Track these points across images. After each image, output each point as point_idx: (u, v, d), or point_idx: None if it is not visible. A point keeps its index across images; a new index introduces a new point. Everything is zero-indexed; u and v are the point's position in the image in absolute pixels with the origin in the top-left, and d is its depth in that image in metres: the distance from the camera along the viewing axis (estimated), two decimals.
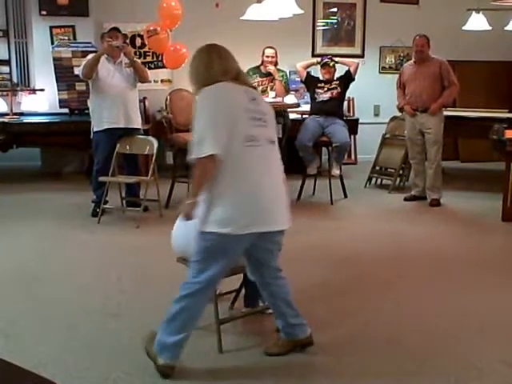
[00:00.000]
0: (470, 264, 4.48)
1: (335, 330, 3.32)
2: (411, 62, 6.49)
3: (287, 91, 6.74)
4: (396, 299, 3.78)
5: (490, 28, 7.38)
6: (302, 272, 4.19)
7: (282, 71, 6.69)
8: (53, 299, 3.71)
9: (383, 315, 3.53)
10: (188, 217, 2.71)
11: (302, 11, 5.53)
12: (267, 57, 6.56)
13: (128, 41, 7.49)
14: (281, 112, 6.55)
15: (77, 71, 6.02)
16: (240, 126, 2.66)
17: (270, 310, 3.45)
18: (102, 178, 5.45)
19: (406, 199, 6.47)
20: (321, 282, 4.05)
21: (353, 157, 8.65)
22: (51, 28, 7.40)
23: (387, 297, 3.81)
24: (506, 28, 7.43)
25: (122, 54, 5.52)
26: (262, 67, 6.65)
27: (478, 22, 7.37)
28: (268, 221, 2.73)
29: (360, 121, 7.73)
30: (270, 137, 2.81)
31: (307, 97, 7.09)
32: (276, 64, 6.61)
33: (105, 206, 5.57)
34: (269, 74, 6.59)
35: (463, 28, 7.47)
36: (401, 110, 6.53)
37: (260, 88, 6.53)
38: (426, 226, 5.56)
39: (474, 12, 7.38)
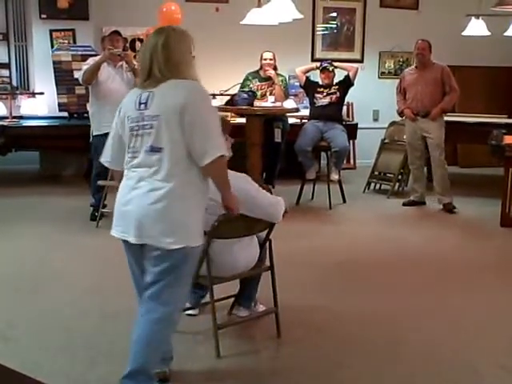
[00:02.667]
0: (469, 269, 4.48)
1: (334, 334, 3.31)
2: (412, 67, 6.51)
3: (286, 96, 6.74)
4: (394, 303, 3.77)
5: (490, 33, 7.39)
6: (300, 276, 4.19)
7: (282, 76, 6.69)
8: (51, 302, 3.71)
9: (382, 320, 3.53)
10: None
11: (301, 16, 5.54)
12: (265, 59, 6.57)
13: (128, 45, 7.49)
14: (280, 116, 6.57)
15: (76, 75, 6.02)
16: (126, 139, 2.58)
17: (262, 307, 3.45)
18: (100, 182, 5.44)
19: (404, 204, 6.47)
20: (319, 286, 4.04)
21: (352, 162, 8.65)
22: (51, 31, 7.42)
23: (386, 301, 3.81)
24: (505, 33, 7.42)
25: None
26: (261, 72, 6.65)
27: (477, 28, 7.38)
28: (125, 229, 2.49)
29: (359, 126, 7.74)
30: (152, 144, 2.43)
31: (306, 101, 7.09)
32: (275, 68, 6.61)
33: (103, 210, 5.55)
34: (268, 79, 6.59)
35: (463, 33, 7.48)
36: (401, 114, 6.53)
37: (259, 93, 6.53)
38: (425, 230, 5.56)
39: (473, 17, 7.39)
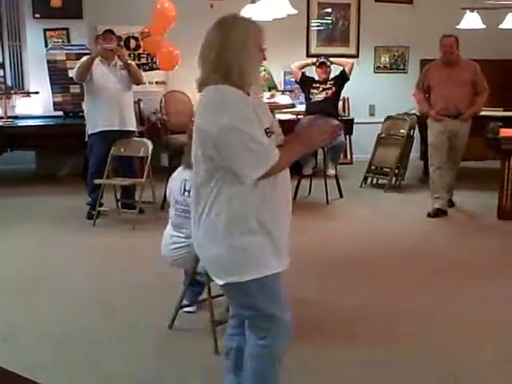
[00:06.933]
0: (467, 263, 4.48)
1: (332, 331, 3.32)
2: (436, 62, 5.94)
3: (273, 82, 6.89)
4: (392, 299, 3.77)
5: (485, 26, 7.38)
6: (298, 272, 4.18)
7: (263, 66, 6.80)
8: (49, 302, 3.71)
9: (380, 316, 3.53)
10: None
11: (295, 11, 5.53)
12: None
13: (122, 43, 7.47)
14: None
15: (71, 74, 6.01)
16: None
17: None
18: (97, 181, 5.44)
19: (429, 215, 5.71)
20: (317, 282, 4.04)
21: (348, 156, 8.64)
22: (45, 31, 7.40)
23: (383, 296, 3.81)
24: (500, 26, 7.43)
25: (116, 57, 5.52)
26: None
27: (472, 21, 7.37)
28: None
29: (355, 120, 7.74)
30: None
31: (302, 97, 7.09)
32: None
33: (100, 209, 5.55)
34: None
35: (457, 27, 7.46)
36: (423, 115, 6.33)
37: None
38: (422, 224, 5.56)
39: (468, 11, 7.38)
